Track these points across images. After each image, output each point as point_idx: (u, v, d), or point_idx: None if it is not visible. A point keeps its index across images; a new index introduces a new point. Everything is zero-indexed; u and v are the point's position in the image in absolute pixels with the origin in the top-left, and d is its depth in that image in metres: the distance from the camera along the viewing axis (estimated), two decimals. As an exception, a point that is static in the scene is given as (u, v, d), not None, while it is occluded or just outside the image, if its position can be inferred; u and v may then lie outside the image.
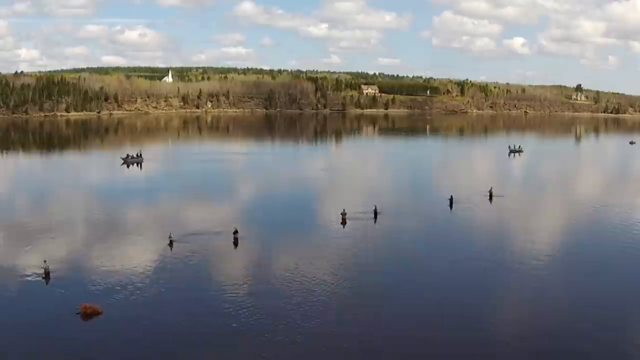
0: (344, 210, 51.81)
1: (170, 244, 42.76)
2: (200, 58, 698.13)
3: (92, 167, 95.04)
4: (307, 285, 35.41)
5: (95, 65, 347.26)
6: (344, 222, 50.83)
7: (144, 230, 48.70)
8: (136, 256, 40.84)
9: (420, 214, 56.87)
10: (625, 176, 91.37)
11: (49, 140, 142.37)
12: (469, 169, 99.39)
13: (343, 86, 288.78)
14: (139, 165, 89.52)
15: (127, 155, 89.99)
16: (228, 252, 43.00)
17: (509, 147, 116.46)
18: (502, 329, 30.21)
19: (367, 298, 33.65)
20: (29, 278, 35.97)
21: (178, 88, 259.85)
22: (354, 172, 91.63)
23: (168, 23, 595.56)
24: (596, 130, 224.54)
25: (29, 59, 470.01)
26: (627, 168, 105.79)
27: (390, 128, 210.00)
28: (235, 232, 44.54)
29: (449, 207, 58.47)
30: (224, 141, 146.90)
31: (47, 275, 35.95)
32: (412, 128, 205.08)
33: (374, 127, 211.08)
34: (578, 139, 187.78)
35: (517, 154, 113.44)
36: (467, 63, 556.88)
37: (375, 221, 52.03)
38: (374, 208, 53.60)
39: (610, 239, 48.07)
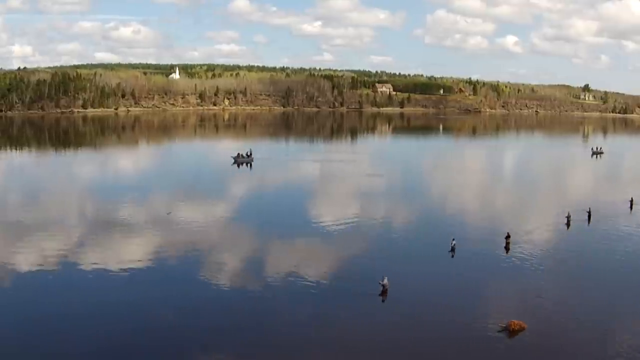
0: (568, 212, 51.08)
1: (452, 249, 40.49)
2: (194, 55, 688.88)
3: (207, 168, 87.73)
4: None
5: (89, 62, 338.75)
6: (568, 224, 50.18)
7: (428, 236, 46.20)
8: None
9: (614, 215, 55.17)
10: None
11: (111, 137, 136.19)
12: (577, 172, 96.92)
13: (359, 84, 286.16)
14: (249, 165, 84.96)
15: (238, 155, 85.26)
16: (503, 258, 40.51)
17: (592, 149, 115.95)
18: None
19: None
20: (367, 295, 32.24)
21: (195, 85, 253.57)
22: (497, 174, 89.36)
23: (162, 20, 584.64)
24: (622, 130, 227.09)
25: (22, 55, 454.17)
26: None
27: (430, 127, 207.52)
28: (507, 236, 42.67)
29: (629, 209, 57.67)
30: (298, 139, 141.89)
31: (384, 292, 32.29)
32: (453, 128, 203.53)
33: (390, 125, 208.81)
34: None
35: (599, 156, 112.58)
36: (459, 61, 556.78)
37: (588, 223, 51.30)
38: (587, 210, 52.74)
39: None
